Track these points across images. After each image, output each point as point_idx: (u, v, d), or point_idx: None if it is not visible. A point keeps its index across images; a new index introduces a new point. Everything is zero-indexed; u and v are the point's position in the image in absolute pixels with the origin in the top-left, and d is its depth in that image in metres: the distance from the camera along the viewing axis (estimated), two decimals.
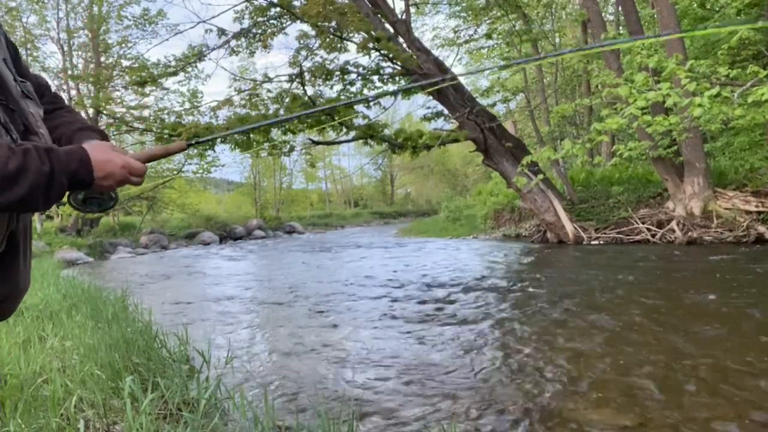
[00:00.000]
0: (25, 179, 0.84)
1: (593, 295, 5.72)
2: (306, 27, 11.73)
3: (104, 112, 15.57)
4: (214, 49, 12.71)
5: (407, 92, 11.90)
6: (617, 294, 5.74)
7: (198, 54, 12.81)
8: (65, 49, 20.80)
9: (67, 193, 1.00)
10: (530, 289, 6.37)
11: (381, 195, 50.35)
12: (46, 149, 0.90)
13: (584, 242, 11.24)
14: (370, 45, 10.94)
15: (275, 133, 11.77)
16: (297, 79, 10.89)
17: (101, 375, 2.79)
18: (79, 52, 21.45)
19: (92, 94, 18.67)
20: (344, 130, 11.44)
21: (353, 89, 11.54)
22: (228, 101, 11.35)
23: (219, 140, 10.79)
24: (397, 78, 11.66)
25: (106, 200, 1.11)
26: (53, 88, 1.26)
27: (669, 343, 3.78)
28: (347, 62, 11.45)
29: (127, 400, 2.39)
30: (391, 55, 11.20)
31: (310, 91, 10.79)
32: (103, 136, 1.15)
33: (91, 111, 19.27)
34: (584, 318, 4.75)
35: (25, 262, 1.05)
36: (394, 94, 11.51)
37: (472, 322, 4.84)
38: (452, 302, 5.81)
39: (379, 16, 11.66)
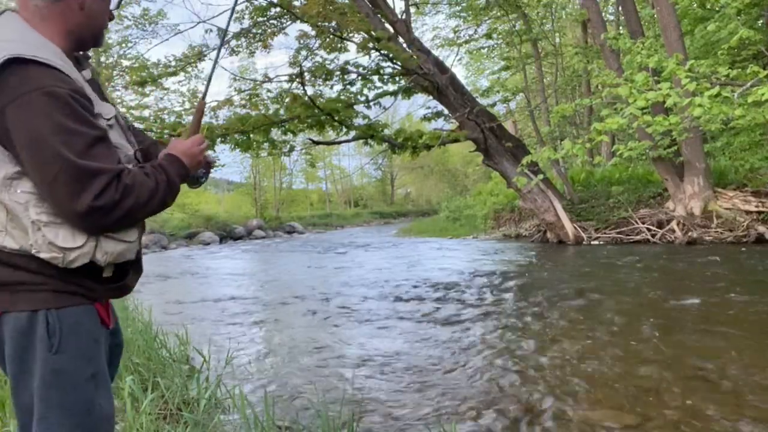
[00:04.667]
0: (159, 189, 1.25)
1: (593, 295, 5.72)
2: (306, 27, 11.72)
3: None
4: (214, 48, 12.70)
5: (407, 92, 11.89)
6: (617, 294, 5.74)
7: (198, 54, 12.80)
8: None
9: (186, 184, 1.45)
10: (530, 289, 6.37)
11: (381, 195, 50.33)
12: (159, 166, 1.30)
13: (584, 242, 11.24)
14: (370, 45, 10.93)
15: (275, 133, 11.76)
16: (297, 79, 10.86)
17: None
18: None
19: None
20: (344, 130, 11.42)
21: (353, 89, 11.53)
22: (228, 101, 11.32)
23: (219, 140, 10.78)
24: (397, 78, 11.65)
25: (208, 167, 1.54)
26: None
27: (669, 343, 3.78)
28: (347, 62, 11.42)
29: (127, 400, 2.40)
30: (391, 55, 11.19)
31: (310, 91, 10.76)
32: (161, 144, 1.53)
33: None
34: (584, 318, 4.75)
35: (142, 254, 1.43)
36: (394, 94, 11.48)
37: (471, 322, 4.84)
38: (452, 302, 5.81)
39: (379, 16, 11.64)
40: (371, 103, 11.39)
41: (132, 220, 1.23)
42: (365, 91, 11.44)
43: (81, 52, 1.34)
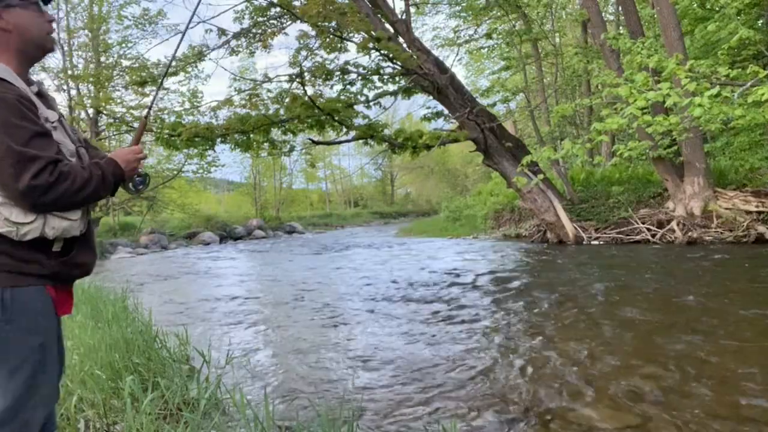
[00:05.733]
0: (92, 180, 1.51)
1: (593, 295, 5.72)
2: (306, 27, 11.71)
3: (104, 112, 15.53)
4: (214, 49, 12.68)
5: (407, 92, 11.89)
6: (617, 294, 5.74)
7: (198, 54, 12.80)
8: (65, 49, 20.78)
9: (124, 189, 1.72)
10: (530, 289, 6.37)
11: (381, 195, 50.31)
12: (95, 163, 1.58)
13: (584, 242, 11.24)
14: (370, 45, 10.93)
15: (275, 133, 11.75)
16: (297, 79, 10.85)
17: (101, 375, 2.79)
18: (79, 52, 21.40)
19: (92, 94, 18.68)
20: (344, 130, 11.42)
21: (353, 89, 11.52)
22: (228, 101, 11.31)
23: (219, 140, 10.79)
24: (397, 78, 11.64)
25: (145, 178, 1.77)
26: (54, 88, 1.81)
27: (669, 343, 3.78)
28: (347, 62, 11.41)
29: (128, 399, 2.40)
30: (391, 55, 11.18)
31: (310, 91, 10.75)
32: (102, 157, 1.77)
33: (91, 111, 19.28)
34: (584, 318, 4.75)
35: (94, 237, 1.70)
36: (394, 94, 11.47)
37: (471, 322, 4.84)
38: (452, 302, 5.81)
39: (379, 16, 11.63)
40: (371, 103, 11.39)
41: (68, 201, 1.46)
42: (365, 91, 11.44)
43: (34, 80, 1.61)
